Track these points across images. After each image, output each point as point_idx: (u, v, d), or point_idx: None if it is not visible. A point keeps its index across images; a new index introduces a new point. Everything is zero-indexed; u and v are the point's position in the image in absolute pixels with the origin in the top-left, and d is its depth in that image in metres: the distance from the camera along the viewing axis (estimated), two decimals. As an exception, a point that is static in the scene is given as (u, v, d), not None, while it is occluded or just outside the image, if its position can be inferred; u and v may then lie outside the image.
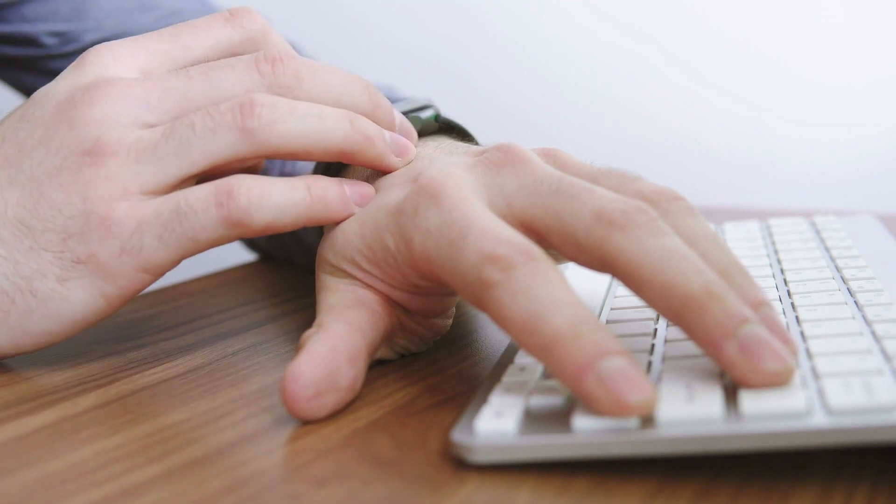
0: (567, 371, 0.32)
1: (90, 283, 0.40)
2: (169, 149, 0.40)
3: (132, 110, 0.41)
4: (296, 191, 0.40)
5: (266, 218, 0.40)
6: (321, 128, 0.41)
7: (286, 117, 0.40)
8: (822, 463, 0.32)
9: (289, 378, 0.36)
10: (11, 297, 0.41)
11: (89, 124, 0.41)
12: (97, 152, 0.40)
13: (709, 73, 1.34)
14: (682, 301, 0.32)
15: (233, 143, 0.40)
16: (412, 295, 0.40)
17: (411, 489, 0.31)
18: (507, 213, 0.37)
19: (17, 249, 0.40)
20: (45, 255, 0.40)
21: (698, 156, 1.35)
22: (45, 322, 0.41)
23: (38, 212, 0.40)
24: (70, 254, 0.40)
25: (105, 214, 0.40)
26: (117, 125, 0.41)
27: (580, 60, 1.37)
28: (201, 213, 0.40)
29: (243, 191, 0.40)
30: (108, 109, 0.41)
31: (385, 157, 0.42)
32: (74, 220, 0.40)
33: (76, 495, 0.31)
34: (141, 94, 0.41)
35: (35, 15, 0.68)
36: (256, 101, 0.40)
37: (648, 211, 0.35)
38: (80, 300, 0.41)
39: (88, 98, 0.41)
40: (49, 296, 0.41)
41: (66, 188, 0.40)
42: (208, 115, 0.40)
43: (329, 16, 0.49)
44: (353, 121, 0.42)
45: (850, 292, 0.43)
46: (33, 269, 0.40)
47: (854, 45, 1.29)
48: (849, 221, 0.59)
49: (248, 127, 0.40)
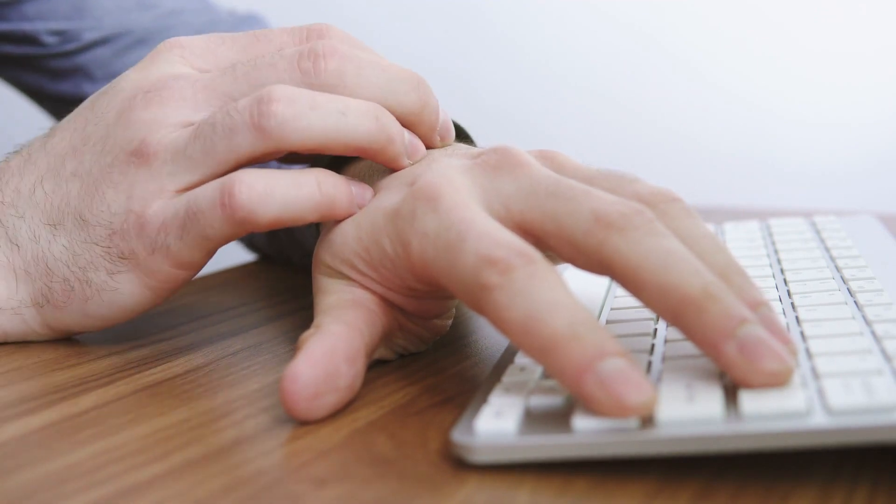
0: (566, 373, 0.32)
1: (135, 277, 0.42)
2: (196, 148, 0.41)
3: (180, 111, 0.42)
4: (303, 187, 0.40)
5: (271, 214, 0.40)
6: (342, 124, 0.41)
7: (305, 112, 0.40)
8: (822, 463, 0.32)
9: (287, 379, 0.36)
10: (72, 285, 0.43)
11: (139, 126, 0.42)
12: (142, 152, 0.42)
13: (709, 73, 1.34)
14: (680, 302, 0.32)
15: (250, 141, 0.40)
16: (410, 297, 0.40)
17: (411, 489, 0.31)
18: (505, 216, 0.37)
19: (75, 241, 0.43)
20: (97, 249, 0.43)
21: (698, 156, 1.35)
22: (101, 309, 0.43)
23: (92, 206, 0.43)
24: (116, 249, 0.42)
25: (140, 213, 0.42)
26: (163, 125, 0.42)
27: (580, 60, 1.37)
28: (208, 213, 0.40)
29: (244, 188, 0.40)
30: (157, 111, 0.42)
31: (399, 159, 0.42)
32: (118, 217, 0.42)
33: (76, 495, 0.31)
34: (190, 95, 0.42)
35: (35, 13, 0.68)
36: (274, 96, 0.40)
37: (646, 212, 0.35)
38: (129, 292, 0.43)
39: (145, 101, 0.43)
40: (102, 287, 0.43)
41: (116, 186, 0.42)
42: (227, 114, 0.41)
43: (329, 16, 0.49)
44: (378, 117, 0.41)
45: (850, 292, 0.43)
46: (88, 261, 0.43)
47: (854, 45, 1.29)
48: (849, 221, 0.59)
49: (262, 125, 0.40)
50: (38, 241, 0.44)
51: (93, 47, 0.69)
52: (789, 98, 1.31)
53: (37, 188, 0.44)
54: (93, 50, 0.69)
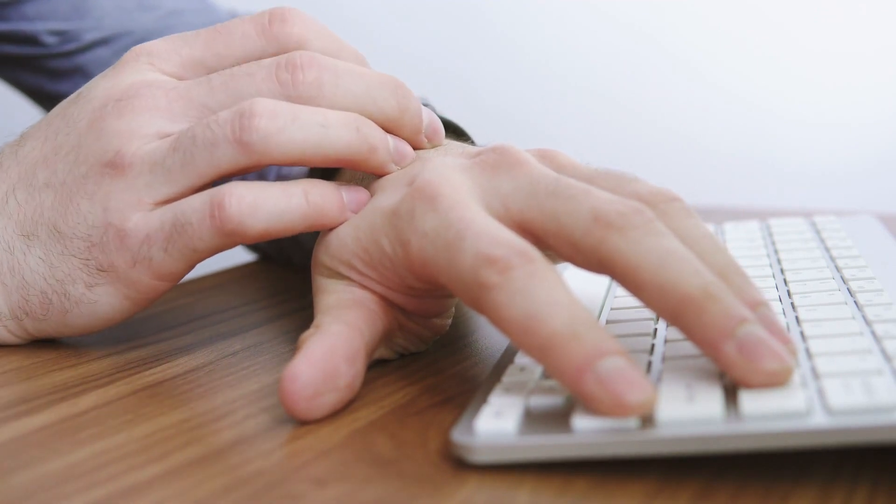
0: (566, 372, 0.32)
1: (114, 289, 0.42)
2: (175, 161, 0.41)
3: (154, 121, 0.42)
4: (291, 198, 0.40)
5: (260, 226, 0.40)
6: (323, 137, 0.40)
7: (287, 126, 0.40)
8: (822, 463, 0.32)
9: (287, 378, 0.36)
10: (49, 297, 0.43)
11: (113, 136, 0.42)
12: (117, 164, 0.41)
13: (709, 73, 1.34)
14: (679, 302, 0.32)
15: (231, 155, 0.40)
16: (409, 297, 0.40)
17: (411, 489, 0.31)
18: (504, 214, 0.37)
19: (51, 252, 0.42)
20: (74, 261, 0.42)
21: (698, 156, 1.35)
22: (80, 320, 0.43)
23: (67, 218, 0.42)
24: (94, 261, 0.42)
25: (119, 226, 0.41)
26: (138, 136, 0.41)
27: (580, 60, 1.37)
28: (196, 225, 0.40)
29: (234, 201, 0.39)
30: (132, 121, 0.42)
31: (385, 167, 0.42)
32: (96, 229, 0.42)
33: (76, 495, 0.31)
34: (164, 105, 0.42)
35: (35, 13, 0.68)
36: (256, 110, 0.40)
37: (645, 212, 0.35)
38: (107, 303, 0.43)
39: (117, 110, 0.42)
40: (80, 300, 0.43)
41: (91, 197, 0.42)
42: (208, 127, 0.40)
43: (329, 16, 0.49)
44: (359, 128, 0.41)
45: (850, 292, 0.43)
46: (65, 274, 0.42)
47: (854, 45, 1.29)
48: (849, 221, 0.59)
49: (244, 140, 0.39)
50: (12, 252, 0.43)
51: (93, 48, 0.69)
52: (789, 98, 1.31)
53: (9, 197, 0.43)
54: (93, 50, 0.69)
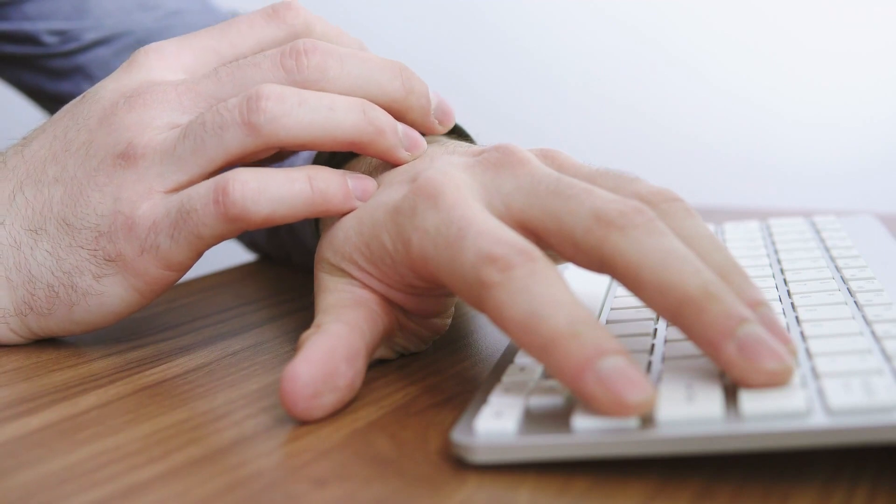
0: (566, 371, 0.32)
1: (122, 279, 0.42)
2: (186, 148, 0.41)
3: (165, 113, 0.42)
4: (295, 183, 0.41)
5: (264, 211, 0.40)
6: (331, 119, 0.41)
7: (294, 109, 0.40)
8: (822, 463, 0.32)
9: (287, 378, 0.36)
10: (56, 291, 0.43)
11: (124, 129, 0.42)
12: (129, 155, 0.42)
13: (709, 73, 1.33)
14: (680, 301, 0.32)
15: (241, 138, 0.41)
16: (410, 295, 0.40)
17: (411, 489, 0.31)
18: (505, 213, 0.37)
19: (59, 245, 0.43)
20: (82, 253, 0.42)
21: (698, 156, 1.35)
22: (86, 315, 0.43)
23: (76, 210, 0.42)
24: (102, 252, 0.42)
25: (129, 214, 0.41)
26: (149, 128, 0.42)
27: (580, 60, 1.37)
28: (201, 211, 0.40)
29: (238, 186, 0.40)
30: (143, 114, 0.42)
31: (395, 151, 0.42)
32: (105, 219, 0.42)
33: (76, 495, 0.31)
34: (174, 98, 0.43)
35: (36, 13, 0.68)
36: (263, 94, 0.40)
37: (646, 211, 0.35)
38: (115, 295, 0.43)
39: (128, 105, 0.43)
40: (87, 292, 0.43)
41: (102, 189, 0.42)
42: (217, 112, 0.41)
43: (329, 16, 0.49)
44: (366, 111, 0.42)
45: (850, 292, 0.43)
46: (73, 266, 0.42)
47: (854, 45, 1.28)
48: (849, 221, 0.59)
49: (252, 122, 0.40)
50: (19, 248, 0.43)
51: (93, 47, 0.69)
52: (789, 98, 1.31)
53: (16, 194, 0.44)
54: (93, 50, 0.69)
